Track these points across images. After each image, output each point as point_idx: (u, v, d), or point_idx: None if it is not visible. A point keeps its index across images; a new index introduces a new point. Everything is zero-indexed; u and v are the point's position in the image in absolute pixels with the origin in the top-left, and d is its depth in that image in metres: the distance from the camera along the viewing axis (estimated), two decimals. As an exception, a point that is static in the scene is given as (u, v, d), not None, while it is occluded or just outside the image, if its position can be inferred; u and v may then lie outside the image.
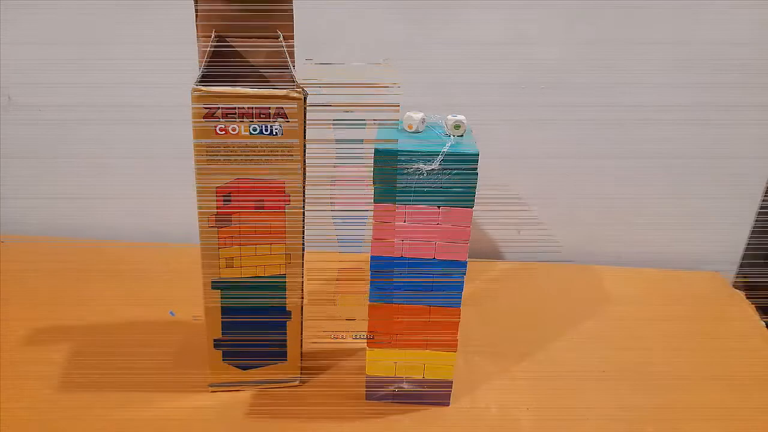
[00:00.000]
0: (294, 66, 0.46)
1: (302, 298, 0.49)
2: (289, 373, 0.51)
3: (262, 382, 0.51)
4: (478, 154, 0.42)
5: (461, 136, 0.44)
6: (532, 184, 0.73)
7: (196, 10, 0.45)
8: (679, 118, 0.69)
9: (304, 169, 0.44)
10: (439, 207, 0.43)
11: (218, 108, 0.41)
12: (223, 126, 0.41)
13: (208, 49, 0.44)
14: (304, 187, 0.45)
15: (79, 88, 0.69)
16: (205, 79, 0.42)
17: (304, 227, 0.46)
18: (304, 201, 0.45)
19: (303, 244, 0.47)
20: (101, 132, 0.71)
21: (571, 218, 0.75)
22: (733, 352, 0.59)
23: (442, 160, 0.42)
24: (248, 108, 0.41)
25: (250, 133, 0.42)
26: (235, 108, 0.41)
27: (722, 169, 0.72)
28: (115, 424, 0.47)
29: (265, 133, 0.42)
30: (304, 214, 0.46)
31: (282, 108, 0.41)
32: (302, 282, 0.48)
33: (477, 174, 0.42)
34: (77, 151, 0.72)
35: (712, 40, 0.66)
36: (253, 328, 0.48)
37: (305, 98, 0.42)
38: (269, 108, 0.41)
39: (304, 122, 0.42)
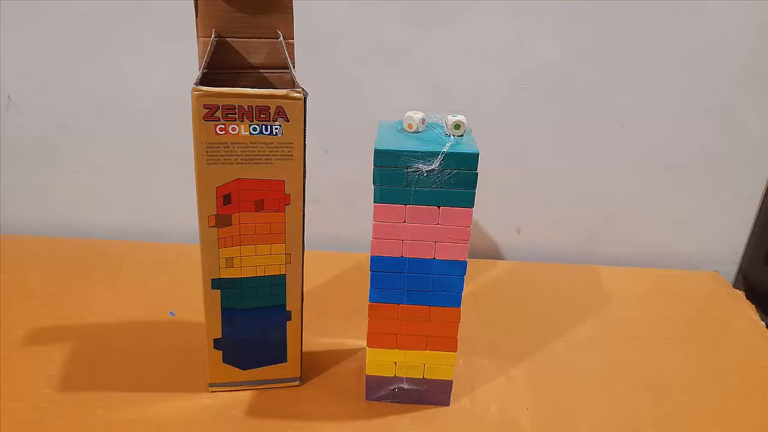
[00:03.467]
0: (294, 66, 0.46)
1: (302, 298, 0.49)
2: (289, 373, 0.51)
3: (262, 382, 0.51)
4: (478, 154, 0.42)
5: (461, 136, 0.44)
6: (531, 185, 0.73)
7: (196, 10, 0.45)
8: (679, 118, 0.69)
9: (304, 169, 0.44)
10: (439, 207, 0.43)
11: (218, 108, 0.41)
12: (223, 126, 0.41)
13: (208, 49, 0.44)
14: (304, 186, 0.45)
15: (79, 88, 0.69)
16: (205, 79, 0.42)
17: (304, 227, 0.46)
18: (304, 201, 0.45)
19: (303, 244, 0.47)
20: (101, 132, 0.71)
21: (571, 218, 0.75)
22: (733, 352, 0.59)
23: (442, 160, 0.42)
24: (248, 108, 0.41)
25: (250, 133, 0.42)
26: (235, 108, 0.41)
27: (722, 169, 0.72)
28: (115, 424, 0.47)
29: (265, 133, 0.42)
30: (304, 214, 0.46)
31: (282, 108, 0.41)
32: (302, 282, 0.48)
33: (477, 174, 0.42)
34: (77, 151, 0.72)
35: (712, 40, 0.66)
36: (253, 327, 0.48)
37: (305, 98, 0.42)
38: (269, 108, 0.41)
39: (304, 122, 0.42)
